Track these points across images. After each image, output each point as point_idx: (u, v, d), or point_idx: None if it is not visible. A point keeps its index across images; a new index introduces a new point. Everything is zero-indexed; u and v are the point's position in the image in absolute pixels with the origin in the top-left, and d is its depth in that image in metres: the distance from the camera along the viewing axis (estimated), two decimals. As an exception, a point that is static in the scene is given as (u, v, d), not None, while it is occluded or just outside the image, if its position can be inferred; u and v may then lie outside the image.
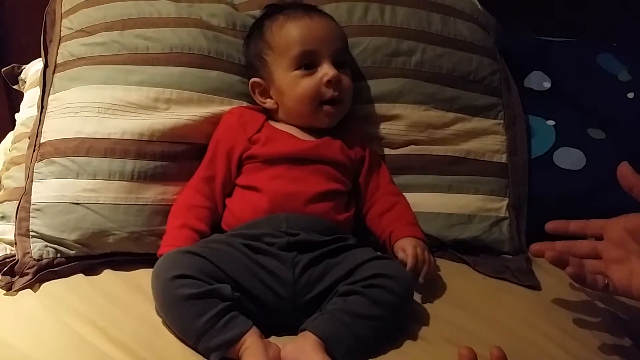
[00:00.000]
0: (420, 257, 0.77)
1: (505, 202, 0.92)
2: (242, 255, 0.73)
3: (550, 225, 0.76)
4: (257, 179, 0.82)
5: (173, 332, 0.70)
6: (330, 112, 0.85)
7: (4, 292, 0.76)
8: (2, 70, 1.08)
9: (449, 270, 0.85)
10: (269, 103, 0.87)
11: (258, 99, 0.88)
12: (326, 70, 0.83)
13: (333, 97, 0.84)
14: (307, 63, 0.84)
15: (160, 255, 0.76)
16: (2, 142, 1.08)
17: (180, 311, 0.67)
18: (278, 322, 0.72)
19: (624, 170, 0.70)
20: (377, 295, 0.69)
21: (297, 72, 0.84)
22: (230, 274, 0.71)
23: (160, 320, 0.71)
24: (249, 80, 0.89)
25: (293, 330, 0.71)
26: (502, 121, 0.96)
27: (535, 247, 0.75)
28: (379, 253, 0.77)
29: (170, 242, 0.78)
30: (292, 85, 0.84)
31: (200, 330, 0.66)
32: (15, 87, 1.09)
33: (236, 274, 0.71)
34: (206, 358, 0.67)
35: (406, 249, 0.78)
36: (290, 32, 0.85)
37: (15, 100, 1.17)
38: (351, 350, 0.67)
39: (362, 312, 0.68)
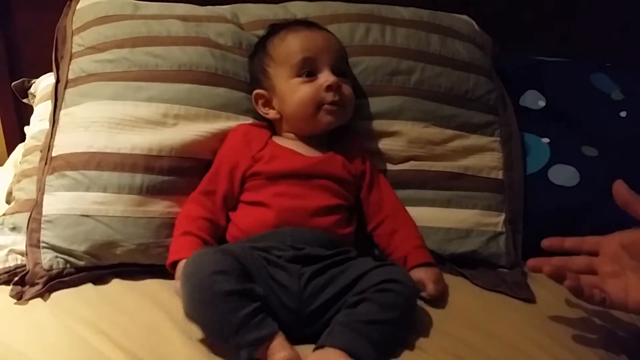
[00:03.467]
0: (438, 292, 0.81)
1: (502, 217, 0.94)
2: (259, 264, 0.75)
3: (546, 243, 0.77)
4: (263, 195, 0.83)
5: (184, 336, 0.71)
6: (331, 110, 0.86)
7: (15, 301, 0.77)
8: (13, 84, 1.10)
9: (447, 283, 0.86)
10: (271, 114, 0.90)
11: (261, 110, 0.90)
12: (326, 77, 0.85)
13: (333, 101, 0.86)
14: (307, 71, 0.86)
15: (169, 265, 0.79)
16: (12, 155, 1.10)
17: (219, 306, 0.68)
18: (283, 332, 0.73)
19: (619, 187, 0.72)
20: (386, 300, 0.71)
21: (298, 79, 0.86)
22: (253, 279, 0.73)
23: (168, 328, 0.73)
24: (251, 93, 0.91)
25: (295, 342, 0.72)
26: (498, 138, 0.99)
27: (531, 262, 0.76)
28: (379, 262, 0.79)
29: (175, 249, 0.80)
30: (292, 91, 0.86)
31: (238, 324, 0.67)
32: (24, 100, 1.11)
33: (257, 280, 0.73)
34: (235, 355, 0.68)
35: (426, 285, 0.81)
36: (291, 43, 0.88)
37: (23, 113, 1.19)
38: (371, 356, 0.68)
39: (373, 317, 0.70)
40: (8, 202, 0.93)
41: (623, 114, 1.05)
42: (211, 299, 0.68)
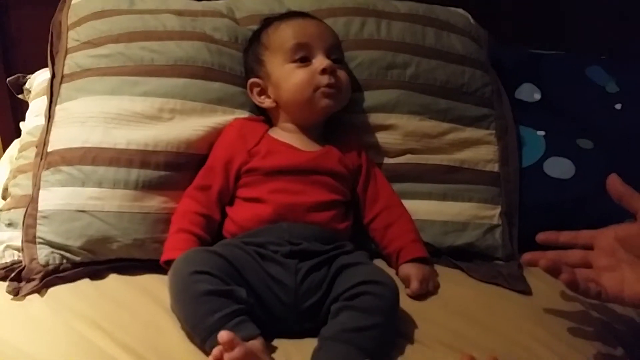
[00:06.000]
0: (423, 290, 0.81)
1: (498, 210, 0.94)
2: (253, 260, 0.75)
3: (541, 237, 0.78)
4: (259, 191, 0.83)
5: (182, 331, 0.71)
6: (328, 93, 0.85)
7: (12, 297, 0.77)
8: (8, 79, 1.09)
9: (444, 276, 0.87)
10: (267, 102, 0.89)
11: (256, 99, 0.90)
12: (321, 61, 0.85)
13: (329, 84, 0.85)
14: (301, 56, 0.86)
15: (163, 262, 0.79)
16: (8, 150, 1.09)
17: (196, 306, 0.69)
18: (280, 326, 0.74)
19: (613, 181, 0.72)
20: (367, 304, 0.70)
21: (292, 65, 0.86)
22: (244, 277, 0.73)
23: (165, 323, 0.73)
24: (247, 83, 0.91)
25: (294, 335, 0.73)
26: (494, 131, 0.99)
27: (527, 256, 0.76)
28: (370, 260, 0.80)
29: (169, 246, 0.81)
30: (287, 76, 0.86)
31: (212, 326, 0.67)
32: (20, 96, 1.11)
33: (248, 277, 0.73)
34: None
35: (412, 281, 0.81)
36: (284, 30, 0.88)
37: (19, 109, 1.18)
38: None
39: (357, 325, 0.69)
40: (4, 197, 0.93)
41: (618, 106, 1.06)
42: (190, 298, 0.69)
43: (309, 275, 0.75)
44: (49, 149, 0.86)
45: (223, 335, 0.63)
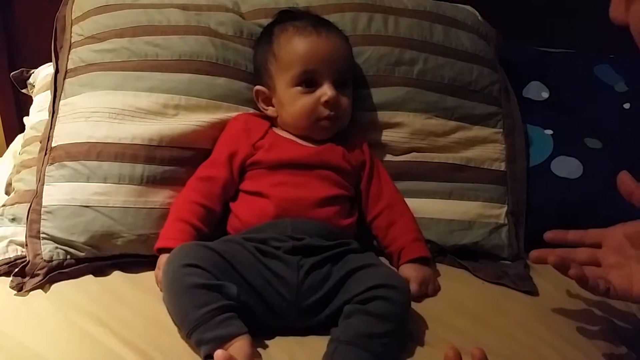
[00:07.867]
0: (422, 293, 0.81)
1: (504, 209, 0.94)
2: (252, 256, 0.75)
3: (549, 235, 0.78)
4: (262, 184, 0.83)
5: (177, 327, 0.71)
6: (325, 127, 0.87)
7: (15, 292, 0.77)
8: (11, 74, 1.09)
9: (449, 275, 0.87)
10: (270, 111, 0.90)
11: (261, 105, 0.90)
12: (325, 91, 0.85)
13: (329, 116, 0.86)
14: (307, 82, 0.86)
15: (157, 250, 0.79)
16: (12, 145, 1.09)
17: (184, 298, 0.69)
18: (282, 323, 0.73)
19: (624, 178, 0.72)
20: (381, 309, 0.70)
21: (297, 89, 0.86)
22: (240, 273, 0.73)
23: (168, 320, 0.72)
24: (254, 85, 0.91)
25: (296, 332, 0.73)
26: (501, 130, 0.98)
27: (535, 253, 0.76)
28: (380, 259, 0.79)
29: (165, 235, 0.80)
30: (291, 100, 0.86)
31: (198, 320, 0.67)
32: (24, 91, 1.11)
33: (245, 273, 0.73)
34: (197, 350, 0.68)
35: (411, 283, 0.80)
36: (296, 48, 0.86)
37: (22, 103, 1.18)
38: None
39: (372, 331, 0.68)
40: (7, 193, 0.92)
41: (627, 105, 1.05)
42: (179, 290, 0.69)
43: (311, 271, 0.75)
44: (53, 144, 0.86)
45: (219, 355, 0.63)
